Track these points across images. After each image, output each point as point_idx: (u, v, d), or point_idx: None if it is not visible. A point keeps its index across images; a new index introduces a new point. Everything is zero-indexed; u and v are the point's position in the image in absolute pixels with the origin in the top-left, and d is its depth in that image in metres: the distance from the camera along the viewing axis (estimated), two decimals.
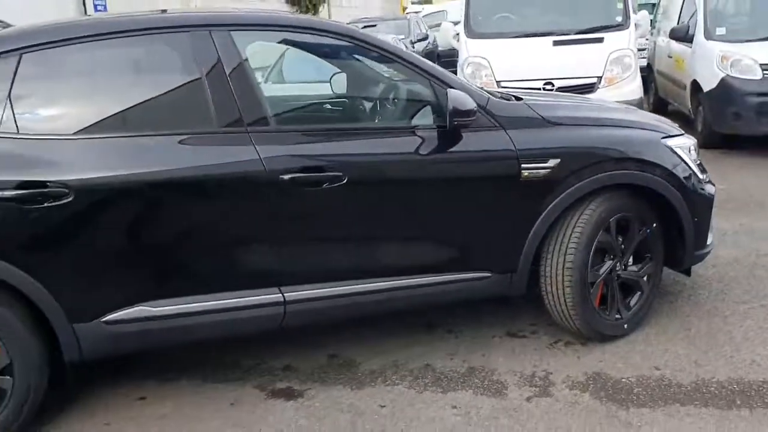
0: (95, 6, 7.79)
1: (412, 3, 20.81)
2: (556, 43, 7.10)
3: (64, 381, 2.96)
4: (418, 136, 3.04)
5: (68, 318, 2.71)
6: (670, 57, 8.70)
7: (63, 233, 2.68)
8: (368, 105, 3.46)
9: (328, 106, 3.50)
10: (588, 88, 6.78)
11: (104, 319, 2.76)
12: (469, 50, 7.29)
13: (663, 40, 9.17)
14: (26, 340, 2.69)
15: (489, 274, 3.17)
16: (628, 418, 2.78)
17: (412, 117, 3.28)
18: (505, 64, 6.98)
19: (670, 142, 3.39)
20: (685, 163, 3.37)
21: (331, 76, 3.72)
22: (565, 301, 3.20)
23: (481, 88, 3.41)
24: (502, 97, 3.30)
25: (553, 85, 6.77)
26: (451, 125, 2.96)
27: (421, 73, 3.11)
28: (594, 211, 3.18)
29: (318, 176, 2.87)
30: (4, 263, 2.61)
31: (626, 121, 3.48)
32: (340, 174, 2.88)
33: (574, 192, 3.14)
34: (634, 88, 7.01)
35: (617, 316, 3.35)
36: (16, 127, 2.66)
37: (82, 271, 2.72)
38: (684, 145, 3.45)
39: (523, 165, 3.08)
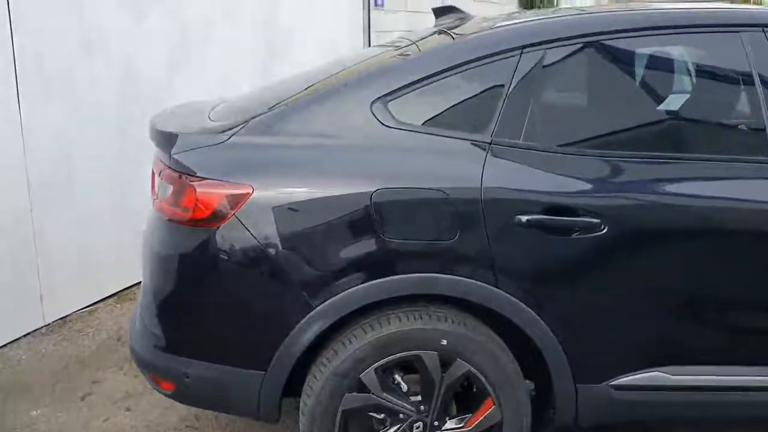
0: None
1: None
2: None
3: None
4: None
5: (574, 377, 2.19)
6: None
7: (589, 273, 2.13)
8: None
9: None
10: None
11: (613, 383, 2.21)
12: None
13: None
14: (523, 400, 2.19)
15: None
16: None
17: None
18: None
19: None
20: None
21: None
22: None
23: None
24: None
25: None
26: None
27: None
28: None
29: None
30: (516, 301, 2.11)
31: None
32: None
33: None
34: None
35: None
36: (536, 138, 2.14)
37: (602, 322, 2.16)
38: None
39: None
